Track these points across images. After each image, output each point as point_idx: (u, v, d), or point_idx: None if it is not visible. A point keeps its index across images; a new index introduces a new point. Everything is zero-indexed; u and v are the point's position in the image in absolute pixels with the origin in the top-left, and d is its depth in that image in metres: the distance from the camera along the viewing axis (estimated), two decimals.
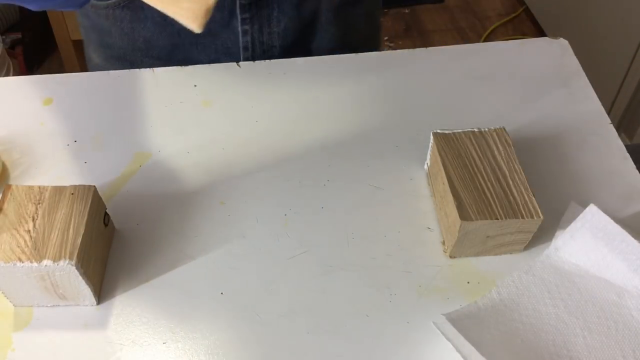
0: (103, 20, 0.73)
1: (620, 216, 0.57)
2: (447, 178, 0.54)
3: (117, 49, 0.75)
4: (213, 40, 0.74)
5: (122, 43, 0.74)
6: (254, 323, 0.51)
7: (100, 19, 0.73)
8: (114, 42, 0.75)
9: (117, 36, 0.74)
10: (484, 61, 0.73)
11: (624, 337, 0.49)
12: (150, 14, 0.71)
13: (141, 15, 0.71)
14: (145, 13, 0.71)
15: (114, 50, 0.75)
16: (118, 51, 0.75)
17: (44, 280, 0.49)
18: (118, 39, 0.74)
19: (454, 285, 0.54)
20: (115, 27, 0.73)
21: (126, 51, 0.75)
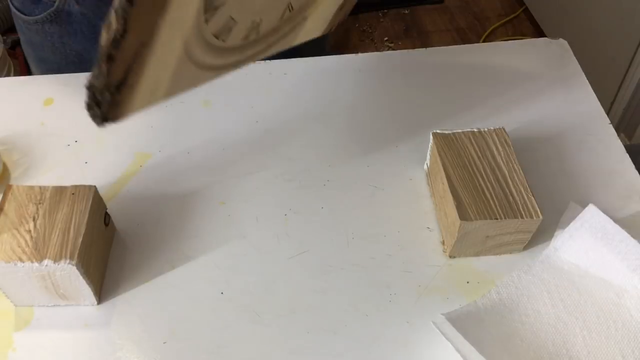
0: (34, 35, 0.73)
1: (620, 216, 0.57)
2: (447, 178, 0.54)
3: (52, 62, 0.75)
4: None
5: (55, 57, 0.74)
6: (254, 323, 0.51)
7: (32, 33, 0.73)
8: (47, 57, 0.74)
9: (50, 51, 0.73)
10: (483, 61, 0.73)
11: (623, 336, 0.49)
12: (79, 28, 0.70)
13: (70, 30, 0.70)
14: (74, 27, 0.70)
15: (49, 64, 0.75)
16: (52, 65, 0.75)
17: (45, 280, 0.49)
18: (51, 53, 0.74)
19: (454, 285, 0.54)
20: (46, 42, 0.72)
21: (60, 65, 0.74)
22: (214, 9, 0.40)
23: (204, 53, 0.44)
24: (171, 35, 0.38)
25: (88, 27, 0.70)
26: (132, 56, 0.36)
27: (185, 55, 0.42)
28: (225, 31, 0.44)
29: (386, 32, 2.13)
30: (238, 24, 0.44)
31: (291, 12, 0.50)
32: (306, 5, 0.51)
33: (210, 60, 0.45)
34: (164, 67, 0.41)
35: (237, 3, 0.42)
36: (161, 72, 0.41)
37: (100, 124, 0.39)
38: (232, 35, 0.45)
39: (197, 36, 0.41)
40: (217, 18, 0.41)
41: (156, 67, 0.39)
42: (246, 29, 0.46)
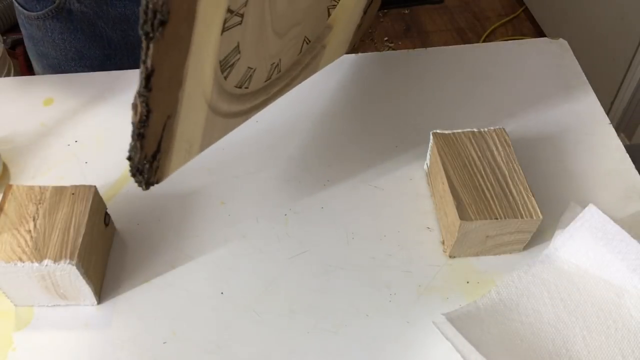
0: (36, 31, 0.73)
1: (620, 216, 0.57)
2: (447, 178, 0.54)
3: (52, 58, 0.75)
4: None
5: (55, 53, 0.74)
6: (254, 323, 0.51)
7: (33, 28, 0.73)
8: (48, 52, 0.75)
9: (50, 46, 0.74)
10: (483, 61, 0.73)
11: (623, 336, 0.49)
12: (80, 25, 0.71)
13: (70, 26, 0.71)
14: (75, 24, 0.71)
15: (49, 59, 0.76)
16: (53, 61, 0.75)
17: (45, 280, 0.49)
18: (51, 49, 0.74)
19: (454, 285, 0.54)
20: (47, 38, 0.73)
21: (60, 61, 0.75)
22: (230, 66, 0.42)
23: (230, 104, 0.46)
24: (194, 101, 0.40)
25: (88, 25, 0.70)
26: (161, 129, 0.39)
27: (212, 111, 0.44)
28: (247, 80, 0.45)
29: (386, 32, 2.13)
30: (257, 70, 0.46)
31: (309, 44, 0.51)
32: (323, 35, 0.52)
33: (237, 108, 0.47)
34: (194, 128, 0.43)
35: (251, 54, 0.43)
36: (192, 133, 0.43)
37: (145, 188, 0.42)
38: (253, 81, 0.46)
39: (219, 92, 0.43)
40: (235, 72, 0.43)
41: (186, 130, 0.42)
42: (267, 71, 0.48)
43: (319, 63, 0.55)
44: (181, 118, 0.41)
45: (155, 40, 0.33)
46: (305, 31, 0.49)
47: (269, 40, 0.45)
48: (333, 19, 0.51)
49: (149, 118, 0.37)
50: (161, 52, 0.34)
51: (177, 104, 0.39)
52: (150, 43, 0.33)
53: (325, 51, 0.54)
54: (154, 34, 0.33)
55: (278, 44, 0.46)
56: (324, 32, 0.52)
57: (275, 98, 0.52)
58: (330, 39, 0.53)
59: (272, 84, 0.50)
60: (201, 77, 0.40)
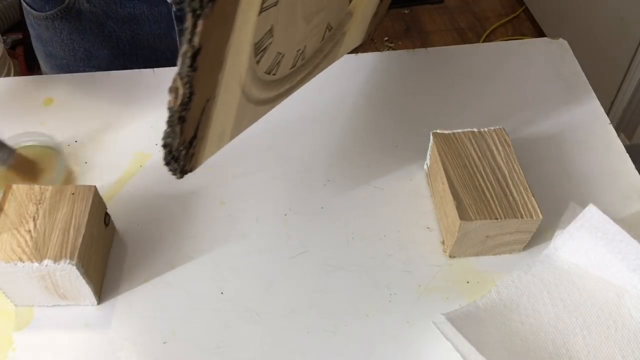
0: (44, 31, 0.73)
1: (620, 216, 0.57)
2: (447, 178, 0.54)
3: (60, 58, 0.75)
4: (153, 52, 0.74)
5: (63, 53, 0.75)
6: (254, 323, 0.51)
7: (42, 29, 0.73)
8: (56, 52, 0.75)
9: (59, 47, 0.74)
10: (483, 61, 0.73)
11: (623, 336, 0.49)
12: (89, 25, 0.71)
13: (79, 26, 0.71)
14: (84, 24, 0.71)
15: (57, 59, 0.76)
16: (61, 61, 0.75)
17: (45, 280, 0.49)
18: (60, 49, 0.74)
19: (454, 285, 0.54)
20: (56, 38, 0.73)
21: (69, 61, 0.75)
22: (263, 50, 0.42)
23: (260, 90, 0.46)
24: (231, 85, 0.40)
25: (97, 25, 0.70)
26: (200, 112, 0.39)
27: (244, 97, 0.44)
28: (275, 65, 0.45)
29: (386, 32, 2.13)
30: (285, 56, 0.46)
31: (331, 31, 0.51)
32: (344, 22, 0.52)
33: (265, 95, 0.48)
34: (228, 114, 0.43)
35: (282, 39, 0.44)
36: (226, 119, 0.43)
37: (179, 176, 0.42)
38: (281, 67, 0.46)
39: (252, 77, 0.43)
40: (266, 57, 0.43)
41: (221, 116, 0.42)
42: (293, 58, 0.48)
43: (339, 51, 0.56)
44: (218, 102, 0.40)
45: (204, 17, 0.33)
46: (329, 17, 0.50)
47: (297, 25, 0.45)
48: (354, 5, 0.52)
49: (191, 100, 0.36)
50: (209, 28, 0.34)
51: (216, 87, 0.39)
52: (199, 19, 0.33)
53: (344, 39, 0.55)
54: (202, 10, 0.33)
55: (305, 29, 0.47)
56: (345, 19, 0.52)
57: (298, 87, 0.52)
58: (350, 26, 0.54)
59: (296, 71, 0.50)
60: (239, 59, 0.40)
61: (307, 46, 0.49)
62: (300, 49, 0.48)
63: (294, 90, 0.52)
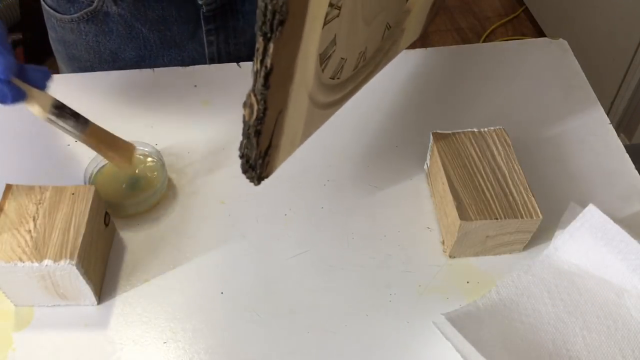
0: (68, 34, 0.73)
1: (620, 216, 0.57)
2: (447, 178, 0.54)
3: (84, 61, 0.75)
4: (179, 52, 0.74)
5: (88, 56, 0.75)
6: (254, 323, 0.51)
7: (66, 32, 0.73)
8: (80, 55, 0.75)
9: (83, 49, 0.74)
10: (483, 61, 0.73)
11: (623, 336, 0.49)
12: (115, 27, 0.71)
13: (106, 29, 0.71)
14: (110, 26, 0.71)
15: (81, 62, 0.76)
16: (85, 63, 0.75)
17: (45, 280, 0.49)
18: (84, 51, 0.74)
19: (454, 285, 0.54)
20: (80, 40, 0.73)
21: (93, 63, 0.75)
22: (328, 57, 0.44)
23: (325, 95, 0.48)
24: (299, 95, 0.43)
25: (124, 27, 0.71)
26: (273, 124, 0.41)
27: (312, 104, 0.46)
28: (339, 70, 0.47)
29: None
30: (348, 60, 0.48)
31: (390, 29, 0.52)
32: (402, 19, 0.54)
33: (331, 99, 0.49)
34: (298, 121, 0.45)
35: (344, 45, 0.45)
36: (296, 126, 0.45)
37: (257, 183, 0.44)
38: (344, 70, 0.48)
39: (318, 84, 0.45)
40: (330, 64, 0.45)
41: (292, 124, 0.44)
42: (355, 60, 0.49)
43: (398, 47, 0.57)
44: (289, 112, 0.42)
45: (274, 40, 0.35)
46: (388, 17, 0.51)
47: (358, 29, 0.47)
48: (412, 2, 0.53)
49: (265, 115, 0.39)
50: (279, 50, 0.36)
51: (287, 99, 0.41)
52: (270, 42, 0.35)
53: (403, 35, 0.56)
54: (273, 33, 0.34)
55: (366, 32, 0.48)
56: (403, 16, 0.53)
57: (361, 86, 0.55)
58: (408, 22, 0.55)
59: (358, 72, 0.52)
60: (306, 70, 0.42)
61: (367, 47, 0.50)
62: (362, 50, 0.50)
63: (358, 89, 0.54)
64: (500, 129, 0.58)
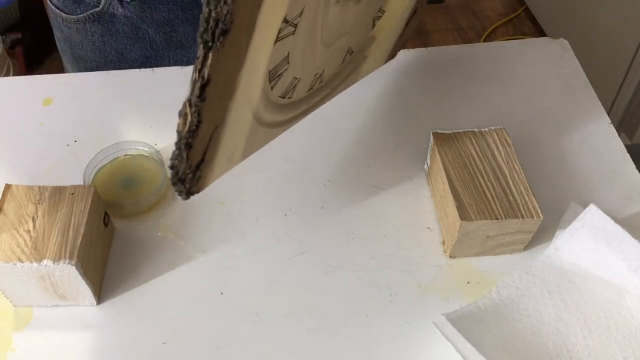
0: (74, 34, 0.73)
1: (620, 216, 0.57)
2: (447, 178, 0.54)
3: (90, 61, 0.75)
4: (185, 53, 0.74)
5: (94, 56, 0.75)
6: (254, 323, 0.51)
7: (72, 32, 0.73)
8: (86, 55, 0.75)
9: (89, 49, 0.74)
10: (484, 61, 0.73)
11: (624, 337, 0.49)
12: (121, 28, 0.71)
13: (112, 29, 0.71)
14: (117, 27, 0.71)
15: (87, 62, 0.76)
16: (91, 63, 0.75)
17: (44, 280, 0.49)
18: (90, 52, 0.74)
19: (454, 285, 0.54)
20: (86, 41, 0.73)
21: (99, 64, 0.75)
22: (278, 76, 0.42)
23: (273, 114, 0.45)
24: (241, 112, 0.40)
25: (131, 27, 0.71)
26: (207, 139, 0.39)
27: (256, 121, 0.44)
28: (291, 89, 0.45)
29: None
30: (302, 80, 0.45)
31: (351, 54, 0.51)
32: (366, 46, 0.52)
33: (279, 118, 0.47)
34: (238, 138, 0.43)
35: (298, 64, 0.43)
36: (235, 143, 0.43)
37: (185, 198, 0.42)
38: (297, 90, 0.46)
39: (265, 102, 0.43)
40: (281, 82, 0.43)
41: (231, 140, 0.42)
42: (310, 81, 0.47)
43: (359, 73, 0.55)
44: (228, 128, 0.40)
45: (214, 50, 0.33)
46: (351, 42, 0.49)
47: (316, 50, 0.45)
48: (377, 29, 0.51)
49: (198, 128, 0.36)
50: (219, 61, 0.34)
51: (226, 114, 0.39)
52: (210, 52, 0.33)
53: (366, 62, 0.54)
54: (214, 43, 0.32)
55: (324, 54, 0.46)
56: (367, 43, 0.52)
57: (316, 108, 0.52)
58: (372, 49, 0.53)
59: (313, 94, 0.50)
60: (251, 87, 0.40)
61: (325, 70, 0.48)
62: (318, 72, 0.48)
63: (311, 111, 0.52)
64: (500, 129, 0.58)
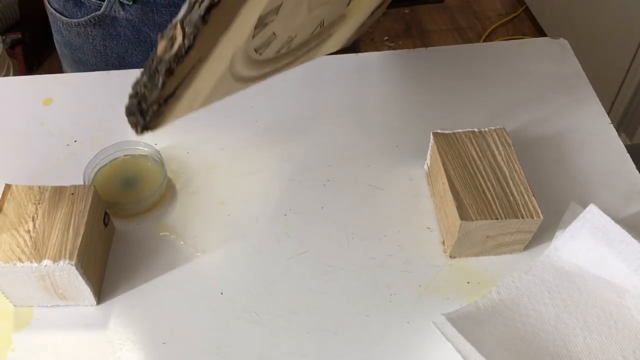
0: (75, 37, 0.73)
1: (620, 216, 0.57)
2: (447, 178, 0.54)
3: (91, 65, 0.75)
4: None
5: (95, 60, 0.74)
6: (253, 323, 0.51)
7: (72, 35, 0.73)
8: (87, 59, 0.75)
9: (90, 53, 0.74)
10: (483, 61, 0.73)
11: (624, 337, 0.49)
12: (123, 32, 0.71)
13: (113, 33, 0.71)
14: (118, 31, 0.70)
15: (88, 66, 0.75)
16: (91, 67, 0.75)
17: (44, 280, 0.49)
18: (91, 55, 0.74)
19: (454, 285, 0.54)
20: (87, 44, 0.73)
21: (99, 67, 0.75)
22: (264, 25, 0.40)
23: (243, 66, 0.44)
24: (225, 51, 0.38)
25: (132, 31, 0.70)
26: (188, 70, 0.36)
27: (229, 68, 0.42)
28: (265, 45, 0.44)
29: (386, 31, 2.13)
30: (277, 39, 0.44)
31: (321, 28, 0.51)
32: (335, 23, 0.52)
33: (246, 73, 0.45)
34: (209, 80, 0.40)
35: (283, 20, 0.42)
36: (204, 85, 0.41)
37: (139, 132, 0.38)
38: (269, 49, 0.45)
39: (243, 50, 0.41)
40: (262, 33, 0.41)
41: (203, 80, 0.39)
42: (282, 43, 0.46)
43: (320, 50, 0.55)
44: (208, 64, 0.38)
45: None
46: (326, 14, 0.49)
47: (300, 11, 0.44)
48: (350, 8, 0.51)
49: (187, 54, 0.33)
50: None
51: (213, 48, 0.36)
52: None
53: (329, 40, 0.54)
54: None
55: (304, 18, 0.46)
56: (337, 20, 0.52)
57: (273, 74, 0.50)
58: (338, 28, 0.54)
59: (278, 58, 0.49)
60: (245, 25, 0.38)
61: (297, 36, 0.48)
62: (291, 36, 0.47)
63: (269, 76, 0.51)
64: (500, 129, 0.58)
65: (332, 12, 0.50)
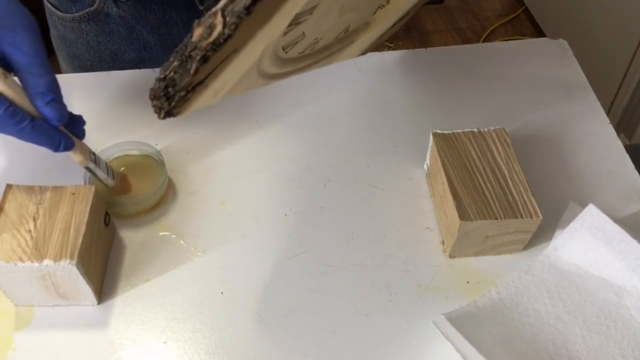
0: (69, 32, 0.73)
1: (620, 216, 0.57)
2: (447, 178, 0.54)
3: (84, 60, 0.75)
4: None
5: (88, 55, 0.75)
6: (254, 323, 0.51)
7: (67, 30, 0.73)
8: (80, 54, 0.75)
9: (84, 48, 0.74)
10: (483, 61, 0.73)
11: (623, 336, 0.49)
12: (116, 28, 0.71)
13: (107, 29, 0.71)
14: (111, 27, 0.71)
15: (81, 61, 0.76)
16: (85, 62, 0.75)
17: (45, 280, 0.49)
18: (84, 50, 0.74)
19: (454, 285, 0.54)
20: (81, 40, 0.73)
21: (93, 63, 0.75)
22: (297, 23, 0.40)
23: (269, 62, 0.44)
24: (259, 44, 0.38)
25: (125, 28, 0.71)
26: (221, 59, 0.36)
27: (257, 62, 0.42)
28: (292, 44, 0.44)
29: None
30: (305, 39, 0.44)
31: (345, 34, 0.51)
32: (359, 30, 0.52)
33: (270, 69, 0.45)
34: (237, 72, 0.40)
35: (314, 20, 0.42)
36: (232, 77, 0.40)
37: (162, 117, 0.38)
38: (295, 48, 0.45)
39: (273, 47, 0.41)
40: (293, 32, 0.41)
41: (232, 71, 0.39)
42: (308, 44, 0.46)
43: (339, 56, 0.56)
44: (240, 57, 0.38)
45: None
46: (353, 20, 0.49)
47: (332, 14, 0.44)
48: (374, 18, 0.51)
49: (225, 43, 0.33)
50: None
51: (249, 40, 0.36)
52: None
53: (349, 47, 0.55)
54: None
55: (333, 22, 0.46)
56: (362, 27, 0.52)
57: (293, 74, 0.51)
58: (361, 36, 0.54)
59: (301, 58, 0.49)
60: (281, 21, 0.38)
61: (322, 38, 0.48)
62: (317, 38, 0.47)
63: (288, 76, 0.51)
64: (500, 129, 0.58)
65: (358, 18, 0.50)
